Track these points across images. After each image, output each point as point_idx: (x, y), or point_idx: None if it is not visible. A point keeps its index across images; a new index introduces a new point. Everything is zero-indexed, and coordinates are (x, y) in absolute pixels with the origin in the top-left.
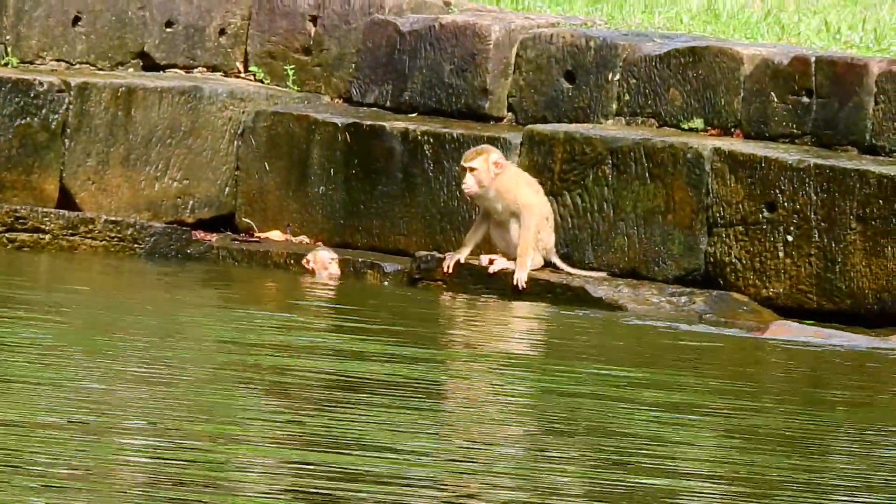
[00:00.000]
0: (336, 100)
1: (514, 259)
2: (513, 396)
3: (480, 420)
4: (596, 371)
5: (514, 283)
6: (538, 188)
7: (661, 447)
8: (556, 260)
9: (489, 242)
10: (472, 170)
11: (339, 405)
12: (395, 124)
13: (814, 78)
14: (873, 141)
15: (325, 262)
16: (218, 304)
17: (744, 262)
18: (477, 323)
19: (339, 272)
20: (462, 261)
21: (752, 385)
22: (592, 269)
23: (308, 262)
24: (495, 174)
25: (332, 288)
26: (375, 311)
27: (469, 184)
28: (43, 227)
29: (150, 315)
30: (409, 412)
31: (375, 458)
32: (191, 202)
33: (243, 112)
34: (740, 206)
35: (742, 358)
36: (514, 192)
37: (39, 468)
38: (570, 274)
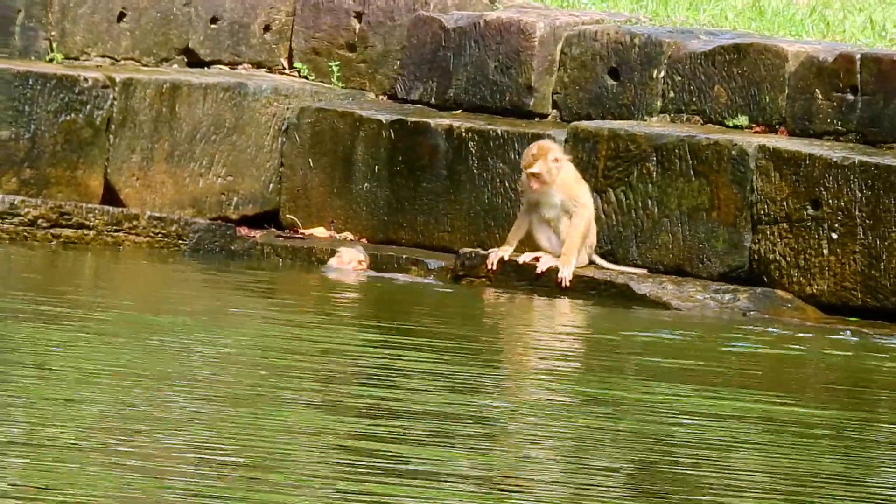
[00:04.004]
0: (381, 96)
1: (559, 256)
2: (556, 413)
3: (524, 442)
4: (641, 383)
5: (559, 280)
6: (588, 188)
7: (709, 455)
8: (596, 258)
9: (532, 239)
10: (535, 175)
11: (381, 427)
12: (440, 121)
13: (859, 75)
14: None
15: (356, 256)
16: (262, 308)
17: (788, 259)
18: (521, 328)
19: (363, 268)
20: (506, 258)
21: (794, 384)
22: (636, 265)
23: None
24: (557, 169)
25: (377, 284)
26: (419, 315)
27: (535, 187)
28: (87, 223)
29: (194, 320)
30: (451, 436)
31: (417, 484)
32: (235, 199)
33: (288, 108)
34: (785, 203)
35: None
36: (575, 190)
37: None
38: (612, 271)
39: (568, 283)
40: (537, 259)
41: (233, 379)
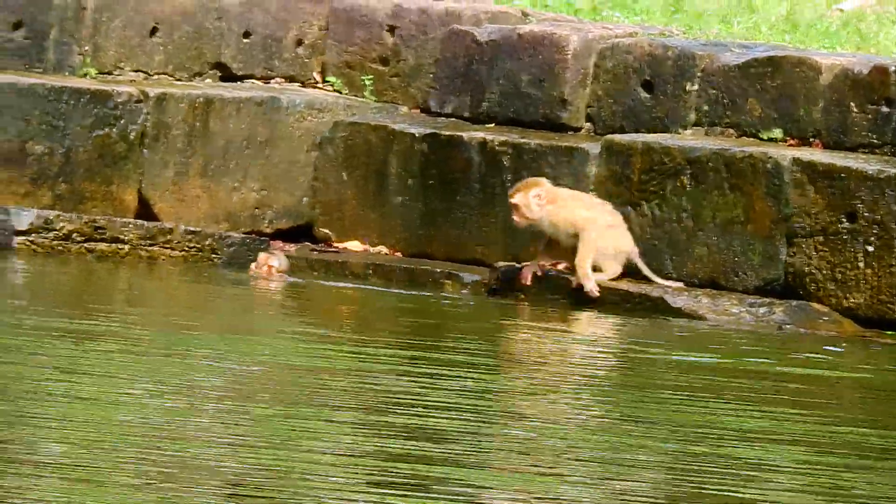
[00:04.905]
0: (414, 110)
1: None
2: (592, 430)
3: (559, 460)
4: (677, 400)
5: (588, 293)
6: (595, 202)
7: (749, 476)
8: (645, 269)
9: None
10: (514, 205)
11: (415, 448)
12: (473, 135)
13: (893, 87)
14: None
15: (266, 261)
16: (296, 324)
17: (824, 272)
18: (556, 342)
19: (272, 274)
20: (539, 273)
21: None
22: (670, 279)
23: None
24: (539, 206)
25: (410, 299)
26: (452, 329)
27: (516, 219)
28: (122, 237)
29: (227, 337)
30: (487, 455)
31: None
32: (269, 212)
33: (321, 123)
34: (820, 216)
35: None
36: (570, 219)
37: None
38: (651, 280)
39: (596, 294)
40: (568, 269)
41: (266, 397)
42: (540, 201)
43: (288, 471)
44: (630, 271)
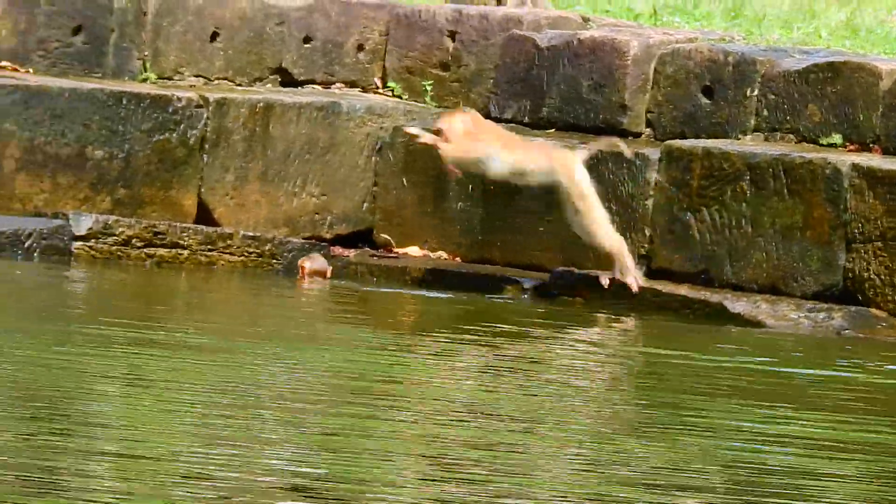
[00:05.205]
0: None
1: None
2: (646, 436)
3: (616, 465)
4: (732, 406)
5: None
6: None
7: (802, 484)
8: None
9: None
10: (438, 130)
11: (471, 455)
12: (534, 140)
13: None
14: None
15: (302, 263)
16: (355, 330)
17: (882, 277)
18: (610, 349)
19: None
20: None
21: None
22: (730, 285)
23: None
24: (462, 127)
25: (469, 304)
26: (511, 336)
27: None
28: (181, 242)
29: (288, 344)
30: (541, 462)
31: None
32: (329, 218)
33: (381, 128)
34: (879, 221)
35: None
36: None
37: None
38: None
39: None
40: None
41: (325, 405)
42: (466, 125)
43: (353, 479)
44: (685, 276)
